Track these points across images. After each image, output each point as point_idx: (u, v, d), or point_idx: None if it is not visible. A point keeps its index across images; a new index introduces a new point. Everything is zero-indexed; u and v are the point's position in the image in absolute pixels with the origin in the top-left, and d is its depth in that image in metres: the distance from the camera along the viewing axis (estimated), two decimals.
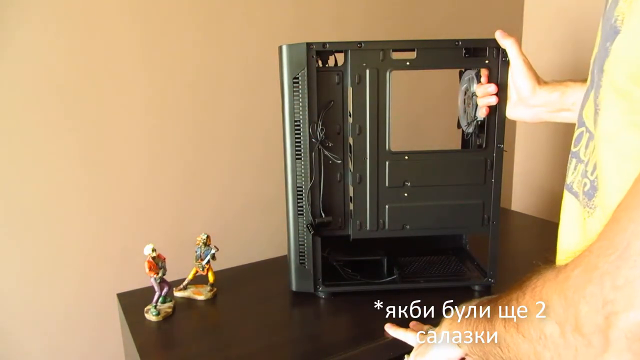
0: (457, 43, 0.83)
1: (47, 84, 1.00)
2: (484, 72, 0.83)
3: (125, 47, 1.06)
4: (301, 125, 0.85)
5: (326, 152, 0.87)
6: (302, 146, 0.86)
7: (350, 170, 0.89)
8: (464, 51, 0.84)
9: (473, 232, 1.03)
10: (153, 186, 1.16)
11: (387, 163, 0.87)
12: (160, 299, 0.86)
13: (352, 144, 0.87)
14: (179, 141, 1.17)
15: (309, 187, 0.87)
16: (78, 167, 1.06)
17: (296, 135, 0.86)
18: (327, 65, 0.87)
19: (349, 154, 0.88)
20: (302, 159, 0.87)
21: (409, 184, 0.88)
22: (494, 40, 0.80)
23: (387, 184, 0.88)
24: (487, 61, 0.83)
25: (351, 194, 0.89)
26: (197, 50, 1.15)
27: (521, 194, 1.75)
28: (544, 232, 1.30)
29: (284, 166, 0.89)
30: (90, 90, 1.05)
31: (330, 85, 0.86)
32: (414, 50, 0.84)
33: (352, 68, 0.84)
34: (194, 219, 1.22)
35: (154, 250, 0.84)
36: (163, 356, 0.76)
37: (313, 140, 0.86)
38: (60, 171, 1.05)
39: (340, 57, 0.87)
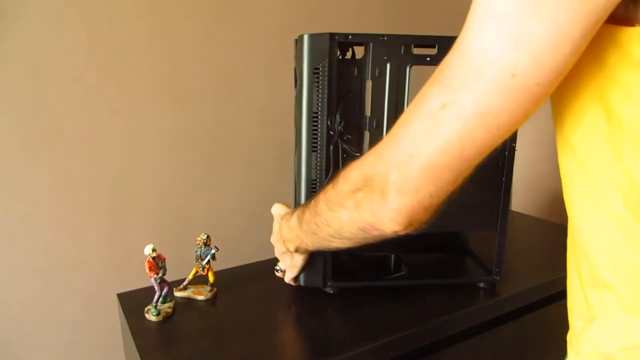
0: None
1: (49, 83, 1.00)
2: None
3: (129, 44, 1.06)
4: (319, 118, 0.83)
5: (344, 145, 0.85)
6: (319, 139, 0.84)
7: None
8: None
9: (482, 230, 1.03)
10: (153, 186, 1.16)
11: None
12: (161, 299, 0.86)
13: (368, 137, 0.86)
14: (179, 141, 1.17)
15: (325, 180, 0.85)
16: (78, 167, 1.06)
17: (314, 127, 0.83)
18: (345, 57, 0.85)
19: (365, 147, 0.87)
20: (319, 151, 0.84)
21: None
22: None
23: None
24: None
25: None
26: (202, 49, 1.15)
27: (522, 194, 1.75)
28: (544, 233, 1.30)
29: (296, 159, 0.87)
30: (94, 89, 1.05)
31: (348, 78, 0.84)
32: (435, 46, 0.81)
33: (373, 61, 0.82)
34: (194, 218, 1.22)
35: (154, 250, 0.84)
36: (163, 356, 0.76)
37: (331, 132, 0.84)
38: (61, 171, 1.05)
39: (359, 50, 0.85)
